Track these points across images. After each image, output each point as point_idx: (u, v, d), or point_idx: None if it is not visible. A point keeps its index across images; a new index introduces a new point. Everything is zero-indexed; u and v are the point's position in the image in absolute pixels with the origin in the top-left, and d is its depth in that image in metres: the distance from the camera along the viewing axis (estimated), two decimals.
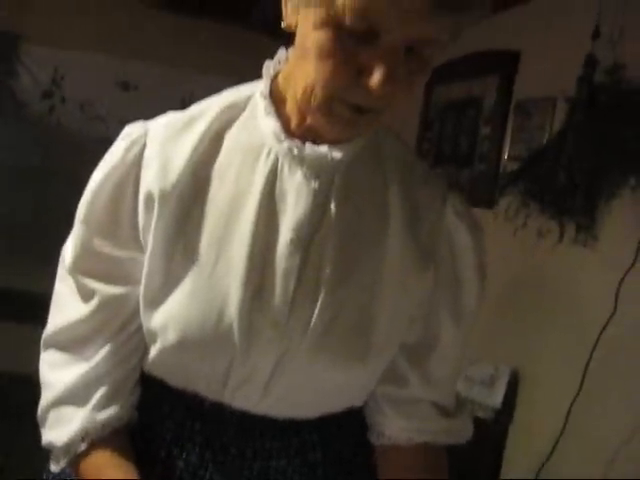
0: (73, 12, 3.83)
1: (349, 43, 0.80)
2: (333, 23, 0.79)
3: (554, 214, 2.27)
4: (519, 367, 2.48)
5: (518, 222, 2.39)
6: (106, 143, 0.99)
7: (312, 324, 0.93)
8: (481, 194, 2.73)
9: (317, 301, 0.93)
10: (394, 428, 1.05)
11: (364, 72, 0.81)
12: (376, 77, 0.79)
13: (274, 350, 0.93)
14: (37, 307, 1.17)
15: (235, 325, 0.91)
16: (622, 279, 2.00)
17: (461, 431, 1.08)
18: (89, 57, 3.89)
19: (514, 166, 2.51)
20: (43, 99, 3.92)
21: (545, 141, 2.41)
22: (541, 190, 2.30)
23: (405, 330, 1.01)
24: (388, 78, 0.79)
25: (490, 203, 2.62)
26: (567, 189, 2.18)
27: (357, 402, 1.06)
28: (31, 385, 1.13)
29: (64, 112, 3.93)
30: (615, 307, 2.02)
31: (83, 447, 0.98)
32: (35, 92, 3.90)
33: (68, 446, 0.98)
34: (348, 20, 0.78)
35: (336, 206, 0.94)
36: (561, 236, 2.27)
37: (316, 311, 0.93)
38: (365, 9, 0.76)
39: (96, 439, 0.98)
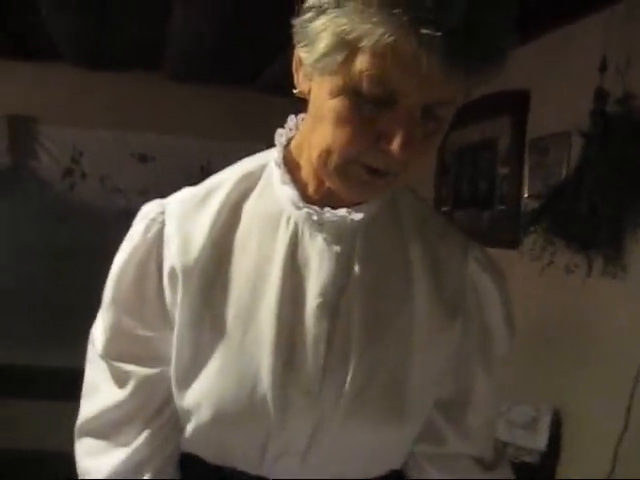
0: (86, 90, 3.93)
1: (366, 109, 0.80)
2: (350, 90, 0.80)
3: (580, 249, 2.25)
4: (560, 406, 2.42)
5: (544, 260, 2.36)
6: (127, 215, 1.00)
7: (345, 389, 0.91)
8: (504, 235, 2.72)
9: (348, 366, 0.92)
10: None
11: (382, 137, 0.81)
12: (396, 142, 0.80)
13: (309, 419, 0.92)
14: (56, 384, 1.15)
15: (269, 397, 0.90)
16: None
17: None
18: (106, 132, 3.97)
19: (535, 204, 2.50)
20: (64, 177, 3.99)
21: (563, 176, 2.40)
22: (565, 226, 2.28)
23: (438, 385, 0.99)
24: (407, 142, 0.79)
25: (514, 243, 2.60)
26: (591, 222, 2.16)
27: (396, 464, 1.03)
28: (59, 464, 1.11)
29: (85, 188, 4.00)
30: None
31: None
32: (56, 171, 3.98)
33: None
34: (365, 87, 0.78)
35: (360, 268, 0.94)
36: (589, 270, 2.24)
37: (348, 376, 0.92)
38: (383, 76, 0.77)
39: None
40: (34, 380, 3.64)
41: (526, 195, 2.68)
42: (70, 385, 1.04)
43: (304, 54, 0.84)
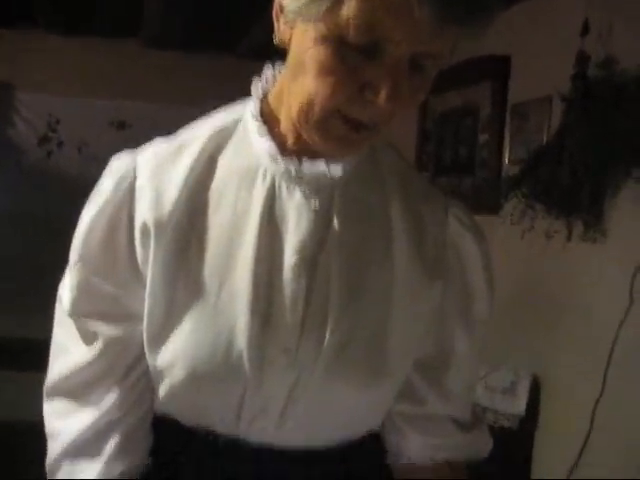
0: (63, 57, 3.87)
1: (351, 59, 0.77)
2: (335, 38, 0.76)
3: (560, 214, 2.26)
4: (539, 371, 2.44)
5: (525, 225, 2.37)
6: None
7: (324, 348, 0.90)
8: (485, 201, 2.72)
9: (327, 323, 0.90)
10: (414, 448, 1.02)
11: (367, 88, 0.78)
12: (383, 94, 0.77)
13: (286, 377, 0.90)
14: (34, 354, 1.12)
15: (245, 355, 0.88)
16: (635, 271, 1.97)
17: (481, 445, 1.05)
18: (82, 100, 3.91)
19: (516, 170, 2.49)
20: (40, 145, 3.94)
21: (544, 141, 2.40)
22: (545, 191, 2.28)
23: (418, 345, 0.98)
24: (394, 93, 0.77)
25: (495, 209, 2.60)
26: (571, 187, 2.16)
27: (375, 424, 1.02)
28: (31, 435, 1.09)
29: (62, 156, 3.95)
30: (631, 300, 1.99)
31: None
32: (32, 139, 3.92)
33: None
34: (352, 35, 0.75)
35: (339, 224, 0.92)
36: (569, 235, 2.24)
37: (327, 334, 0.90)
38: (371, 23, 0.74)
39: None
40: (5, 350, 3.61)
41: (507, 161, 2.67)
42: (42, 355, 1.01)
43: (287, 0, 0.81)
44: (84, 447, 0.95)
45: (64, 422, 0.96)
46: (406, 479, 1.04)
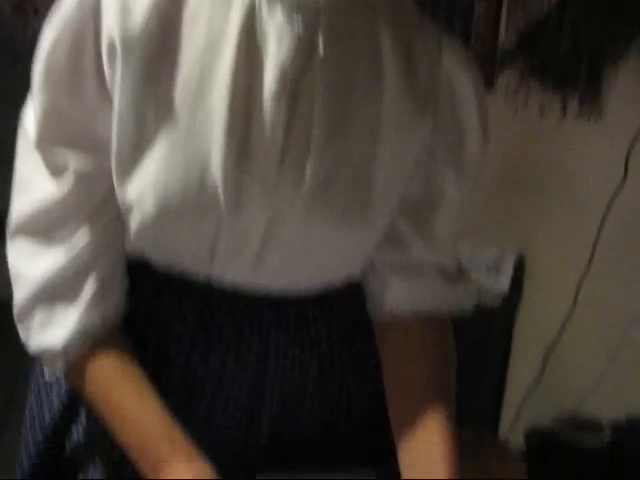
0: None
1: None
2: None
3: (556, 88, 2.18)
4: (525, 249, 2.42)
5: (519, 100, 2.29)
6: None
7: (304, 181, 0.84)
8: (481, 73, 2.62)
9: (309, 156, 0.84)
10: (395, 296, 0.99)
11: None
12: None
13: (264, 211, 0.85)
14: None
15: (220, 186, 0.82)
16: (631, 146, 1.91)
17: (465, 299, 1.02)
18: None
19: (512, 42, 2.39)
20: (16, 13, 3.78)
21: (545, 11, 2.28)
22: (542, 64, 2.20)
23: (405, 183, 0.94)
24: None
25: (489, 82, 2.51)
26: (570, 60, 2.08)
27: (355, 270, 0.99)
28: None
29: (38, 25, 3.79)
30: (624, 178, 1.94)
31: (84, 350, 0.90)
32: (5, 7, 3.76)
33: (66, 349, 0.89)
34: None
35: (324, 51, 0.85)
36: (564, 110, 2.17)
37: (308, 168, 0.84)
38: None
39: (96, 338, 0.90)
40: None
41: (504, 33, 2.57)
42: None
43: None
44: (59, 290, 0.89)
45: (32, 263, 0.90)
46: (388, 336, 1.01)
